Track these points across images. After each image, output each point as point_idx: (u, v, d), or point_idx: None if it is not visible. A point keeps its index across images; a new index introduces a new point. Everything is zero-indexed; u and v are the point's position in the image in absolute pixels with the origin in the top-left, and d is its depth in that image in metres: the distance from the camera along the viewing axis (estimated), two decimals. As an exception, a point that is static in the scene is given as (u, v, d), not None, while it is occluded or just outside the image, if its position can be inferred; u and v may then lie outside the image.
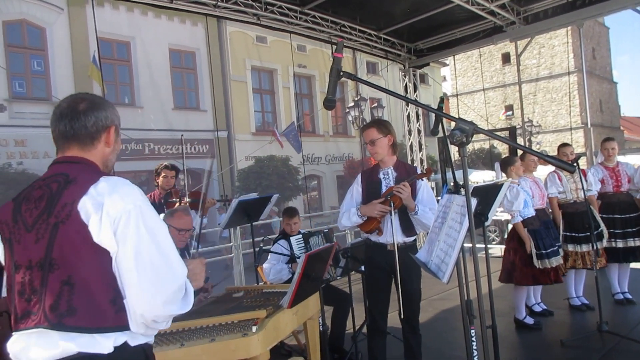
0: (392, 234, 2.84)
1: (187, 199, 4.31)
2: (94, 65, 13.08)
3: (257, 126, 19.15)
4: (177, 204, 4.19)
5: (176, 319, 1.43)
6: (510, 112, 32.02)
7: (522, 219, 4.21)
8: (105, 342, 1.24)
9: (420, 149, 8.85)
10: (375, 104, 16.34)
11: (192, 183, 14.71)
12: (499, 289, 4.49)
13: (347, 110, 15.92)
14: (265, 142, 15.20)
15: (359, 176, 3.17)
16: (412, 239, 3.03)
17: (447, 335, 4.29)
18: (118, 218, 1.26)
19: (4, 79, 13.73)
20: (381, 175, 3.08)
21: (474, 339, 2.14)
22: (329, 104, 1.93)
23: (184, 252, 3.14)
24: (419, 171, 3.18)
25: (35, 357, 1.25)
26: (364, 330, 4.01)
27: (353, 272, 3.77)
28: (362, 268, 3.50)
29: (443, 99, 2.81)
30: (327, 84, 1.95)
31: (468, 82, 33.95)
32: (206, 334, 2.41)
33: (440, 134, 2.75)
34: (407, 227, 2.98)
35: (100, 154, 1.46)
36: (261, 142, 15.63)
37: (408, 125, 8.91)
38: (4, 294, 2.32)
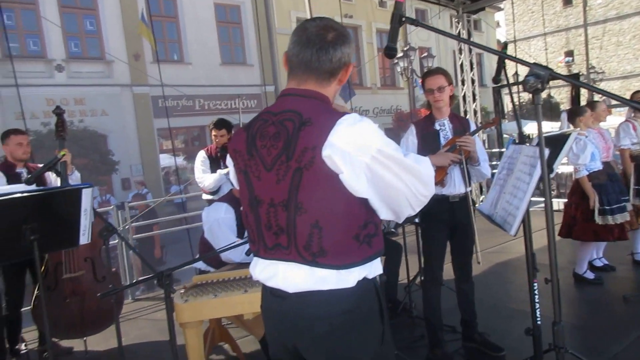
0: (465, 184, 2.84)
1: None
2: (143, 23, 13.24)
3: (303, 80, 18.97)
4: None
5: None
6: (570, 59, 29.96)
7: (587, 173, 4.02)
8: (349, 277, 1.32)
9: (474, 100, 8.50)
10: (425, 54, 15.70)
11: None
12: (556, 243, 4.36)
13: (396, 61, 15.39)
14: (312, 96, 15.06)
15: (412, 127, 3.08)
16: (469, 189, 3.01)
17: (500, 288, 4.26)
18: (367, 165, 1.27)
19: (60, 40, 14.20)
20: (437, 127, 3.00)
21: (536, 292, 2.12)
22: (390, 52, 1.86)
23: None
24: (471, 123, 3.09)
25: (287, 285, 1.36)
26: (417, 281, 4.07)
27: (407, 223, 3.77)
28: (417, 220, 3.49)
29: (507, 44, 2.64)
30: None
31: (524, 27, 31.82)
32: (240, 285, 2.52)
33: (504, 82, 2.61)
34: (464, 178, 2.95)
35: (332, 91, 1.42)
36: (308, 96, 15.51)
37: (461, 75, 8.54)
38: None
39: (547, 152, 1.61)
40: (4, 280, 3.44)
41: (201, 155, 4.51)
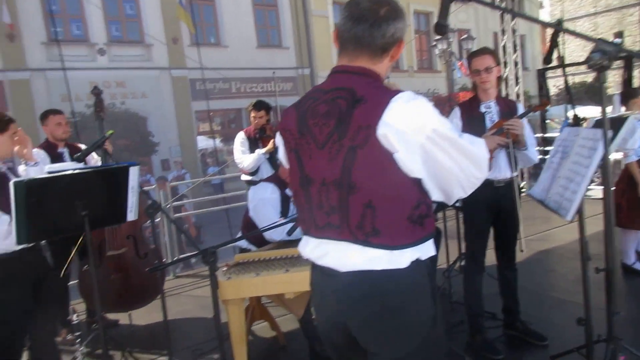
0: (511, 169, 2.79)
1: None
2: (181, 7, 13.35)
3: (339, 62, 18.77)
4: (273, 140, 4.32)
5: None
6: (619, 40, 28.41)
7: (637, 158, 3.82)
8: (402, 258, 1.30)
9: (517, 83, 8.20)
10: (465, 35, 15.23)
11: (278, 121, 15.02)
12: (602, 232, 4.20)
13: (434, 43, 15.02)
14: (347, 79, 14.91)
15: (457, 110, 3.00)
16: (515, 174, 2.92)
17: (542, 277, 4.15)
18: (422, 145, 1.25)
19: (102, 24, 14.54)
20: (483, 109, 2.91)
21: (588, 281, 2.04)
22: (440, 29, 1.80)
23: None
24: (519, 106, 2.98)
25: (338, 264, 1.35)
26: (456, 266, 4.01)
27: (448, 207, 3.71)
28: (457, 204, 3.42)
29: (561, 22, 2.51)
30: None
31: (569, 7, 30.31)
32: (281, 265, 2.54)
33: (555, 63, 2.48)
34: (511, 162, 2.86)
35: (384, 68, 1.37)
36: (343, 79, 15.38)
37: (504, 57, 8.23)
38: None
39: (611, 134, 1.53)
40: (52, 255, 3.59)
41: (240, 137, 4.56)
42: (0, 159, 2.44)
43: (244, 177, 4.72)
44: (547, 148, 7.12)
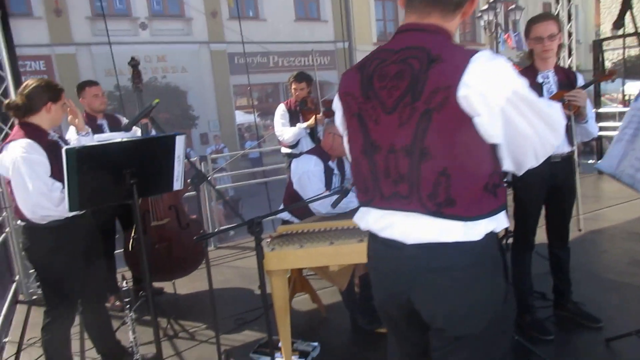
0: (570, 142, 2.65)
1: (322, 109, 4.33)
2: (220, -20, 13.29)
3: (378, 36, 18.36)
4: (313, 114, 4.25)
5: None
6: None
7: None
8: (476, 230, 1.22)
9: (570, 55, 7.75)
10: (513, 6, 14.51)
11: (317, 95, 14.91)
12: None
13: (479, 14, 14.37)
14: (387, 53, 14.56)
15: None
16: (573, 148, 2.76)
17: (594, 257, 3.96)
18: (502, 108, 1.15)
19: (143, -2, 14.70)
20: (540, 79, 2.73)
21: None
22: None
23: None
24: (579, 77, 2.78)
25: (405, 236, 1.27)
26: (502, 243, 3.88)
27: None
28: (506, 179, 3.29)
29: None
30: None
31: (629, -26, 28.32)
32: (325, 237, 2.51)
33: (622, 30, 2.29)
34: (570, 136, 2.70)
35: (455, 25, 1.29)
36: (383, 53, 15.04)
37: (556, 28, 7.77)
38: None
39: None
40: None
41: (281, 109, 4.51)
42: (52, 127, 2.49)
43: (284, 150, 4.69)
44: (601, 124, 6.75)
